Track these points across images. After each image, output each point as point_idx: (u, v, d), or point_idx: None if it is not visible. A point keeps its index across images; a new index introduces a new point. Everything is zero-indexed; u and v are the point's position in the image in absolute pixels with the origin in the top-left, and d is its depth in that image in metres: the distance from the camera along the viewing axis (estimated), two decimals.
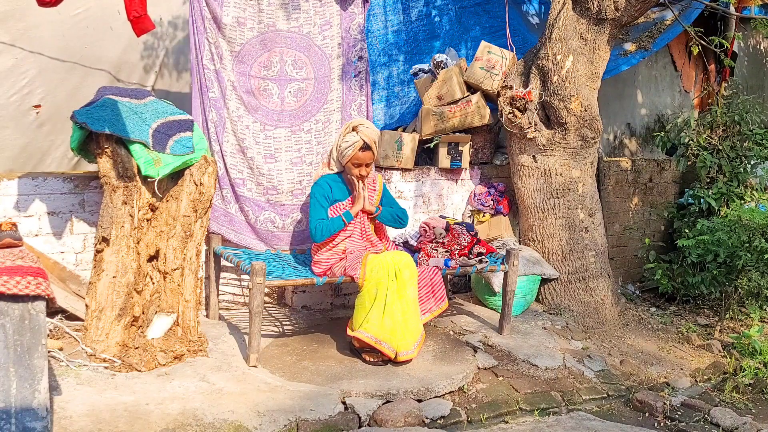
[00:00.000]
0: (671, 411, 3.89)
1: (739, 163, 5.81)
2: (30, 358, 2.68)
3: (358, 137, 4.12)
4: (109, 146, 3.67)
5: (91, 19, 4.90)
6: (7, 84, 4.63)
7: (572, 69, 4.91)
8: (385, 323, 3.83)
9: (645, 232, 6.20)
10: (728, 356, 4.68)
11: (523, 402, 3.82)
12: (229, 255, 4.26)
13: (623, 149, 6.84)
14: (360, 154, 4.13)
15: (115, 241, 3.68)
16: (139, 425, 3.03)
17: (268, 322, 4.54)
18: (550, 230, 5.15)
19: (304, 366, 3.87)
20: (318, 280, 4.00)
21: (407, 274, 3.91)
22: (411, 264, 3.97)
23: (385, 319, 3.83)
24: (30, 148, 4.80)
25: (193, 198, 3.89)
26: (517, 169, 5.22)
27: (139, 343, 3.72)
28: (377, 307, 3.85)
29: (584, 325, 4.96)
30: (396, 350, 3.84)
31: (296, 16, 4.67)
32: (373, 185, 4.35)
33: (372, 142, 4.14)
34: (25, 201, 3.93)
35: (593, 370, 4.27)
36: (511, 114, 5.00)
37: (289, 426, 3.24)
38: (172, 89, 5.33)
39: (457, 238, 4.63)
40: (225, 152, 4.54)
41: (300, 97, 4.74)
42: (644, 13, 5.25)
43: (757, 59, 7.71)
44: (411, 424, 3.38)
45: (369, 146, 4.13)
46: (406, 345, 3.88)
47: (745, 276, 5.35)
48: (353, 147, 4.12)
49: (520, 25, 5.93)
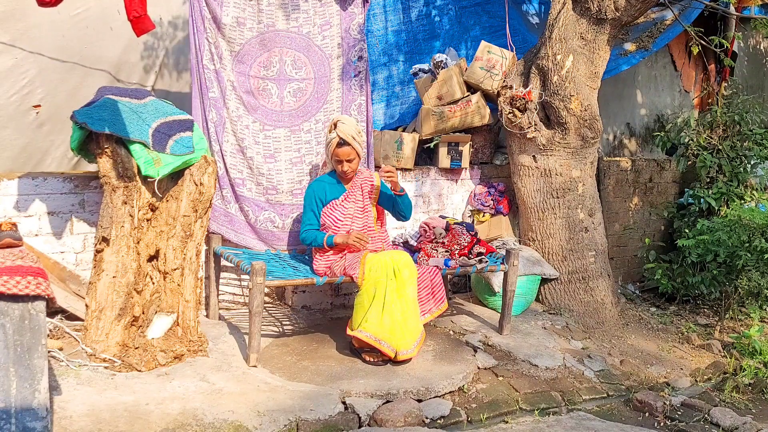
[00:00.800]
0: (671, 411, 3.89)
1: (739, 163, 5.81)
2: (30, 358, 2.68)
3: (334, 134, 4.14)
4: (109, 146, 3.67)
5: (91, 19, 4.90)
6: (7, 84, 4.63)
7: (572, 69, 4.91)
8: (384, 322, 3.83)
9: (645, 232, 6.20)
10: (728, 356, 4.68)
11: (523, 402, 3.82)
12: (229, 255, 4.26)
13: (623, 149, 6.84)
14: (338, 150, 4.15)
15: (115, 241, 3.68)
16: (139, 425, 3.03)
17: (268, 322, 4.54)
18: (550, 230, 5.15)
19: (304, 366, 3.87)
20: (318, 280, 4.00)
21: (406, 273, 3.91)
22: (410, 263, 3.97)
23: (385, 318, 3.83)
24: (30, 148, 4.80)
25: (193, 198, 3.89)
26: (517, 169, 5.22)
27: (139, 343, 3.72)
28: (376, 306, 3.84)
29: (584, 325, 4.96)
30: (396, 349, 3.83)
31: (296, 16, 4.68)
32: (370, 180, 4.32)
33: (348, 137, 4.12)
34: (25, 201, 3.93)
35: (593, 370, 4.27)
36: (511, 114, 5.00)
37: (289, 426, 3.24)
38: (172, 89, 5.33)
39: (457, 238, 4.63)
40: (225, 152, 4.54)
41: (299, 97, 4.74)
42: (644, 13, 5.25)
43: (757, 59, 7.71)
44: (411, 424, 3.38)
45: (345, 142, 4.12)
46: (406, 344, 3.88)
47: (745, 276, 5.36)
48: (330, 144, 4.17)
49: (520, 25, 5.94)
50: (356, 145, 4.18)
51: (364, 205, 4.30)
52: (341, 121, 4.20)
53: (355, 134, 4.18)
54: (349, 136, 4.13)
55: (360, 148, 4.23)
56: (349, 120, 4.26)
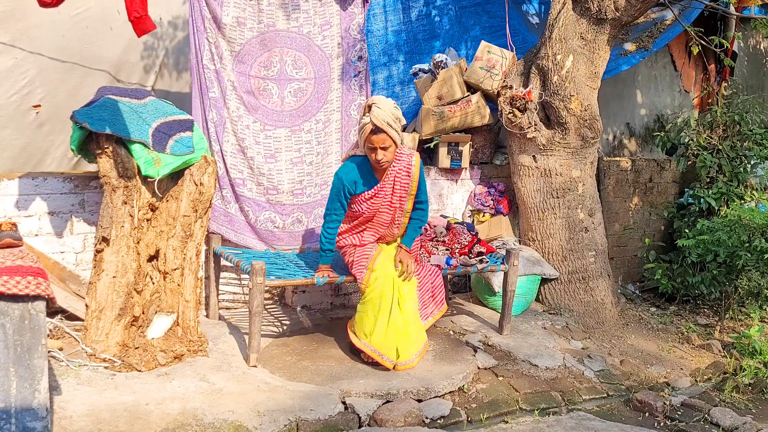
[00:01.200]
0: (671, 411, 3.89)
1: (739, 163, 5.81)
2: (30, 358, 2.68)
3: (368, 118, 3.72)
4: (109, 146, 3.67)
5: (91, 19, 4.90)
6: (7, 84, 4.63)
7: (572, 69, 4.91)
8: (388, 336, 3.85)
9: (645, 232, 6.20)
10: (728, 356, 4.68)
11: (523, 402, 3.82)
12: (229, 255, 4.26)
13: (623, 149, 6.84)
14: (372, 138, 3.72)
15: (115, 241, 3.68)
16: (139, 425, 3.03)
17: (268, 322, 4.54)
18: (550, 230, 5.15)
19: (304, 366, 3.87)
20: (318, 280, 3.99)
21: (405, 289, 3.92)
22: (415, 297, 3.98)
23: (389, 333, 3.85)
24: (30, 148, 4.80)
25: (193, 198, 3.89)
26: (517, 169, 5.22)
27: (139, 343, 3.72)
28: (382, 319, 3.85)
29: (584, 325, 4.96)
30: (395, 361, 3.86)
31: (296, 16, 4.67)
32: (408, 170, 3.91)
33: (383, 123, 3.67)
34: (25, 201, 3.93)
35: (593, 370, 4.26)
36: (511, 114, 5.00)
37: (289, 426, 3.24)
38: (172, 89, 5.33)
39: (457, 237, 4.63)
40: (225, 152, 4.54)
41: (300, 97, 4.74)
42: (644, 13, 5.25)
43: (757, 59, 7.71)
44: (411, 424, 3.38)
45: (380, 129, 3.70)
46: (407, 355, 3.89)
47: (745, 276, 5.36)
48: (364, 130, 3.75)
49: (520, 25, 5.94)
50: (392, 132, 3.71)
51: (394, 201, 3.93)
52: (376, 104, 3.74)
53: (391, 120, 3.71)
54: (384, 123, 3.69)
55: (396, 135, 3.75)
56: (386, 103, 3.78)
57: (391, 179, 3.90)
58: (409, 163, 3.91)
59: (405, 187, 3.91)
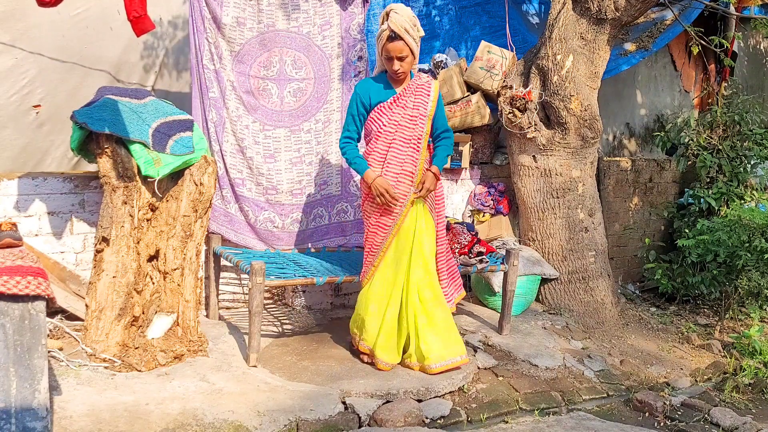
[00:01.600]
0: (671, 411, 3.89)
1: (739, 163, 5.81)
2: (30, 358, 2.68)
3: (386, 25, 3.59)
4: (109, 146, 3.68)
5: (91, 19, 4.90)
6: (7, 84, 4.63)
7: (572, 69, 4.91)
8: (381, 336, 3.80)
9: (645, 232, 6.20)
10: (728, 356, 4.68)
11: (523, 402, 3.82)
12: (229, 255, 4.26)
13: (623, 149, 6.84)
14: (389, 46, 3.61)
15: (115, 241, 3.68)
16: (139, 425, 3.03)
17: (268, 322, 4.54)
18: (550, 230, 5.15)
19: (304, 366, 3.87)
20: (318, 280, 3.99)
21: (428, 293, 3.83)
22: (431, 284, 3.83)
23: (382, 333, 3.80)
24: (30, 148, 4.80)
25: (193, 198, 3.89)
26: (517, 169, 5.22)
27: (139, 343, 3.72)
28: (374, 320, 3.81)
29: (584, 325, 4.96)
30: (392, 363, 3.84)
31: (296, 16, 4.67)
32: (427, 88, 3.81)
33: (401, 29, 3.56)
34: (25, 201, 3.93)
35: (593, 370, 4.27)
36: (511, 114, 5.00)
37: (289, 426, 3.24)
38: (172, 89, 5.33)
39: (457, 236, 4.63)
40: (225, 152, 4.54)
41: (299, 97, 4.74)
42: (644, 13, 5.25)
43: (757, 59, 7.71)
44: (411, 424, 3.38)
45: (398, 35, 3.57)
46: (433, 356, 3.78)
47: (745, 276, 5.36)
48: (381, 37, 3.64)
49: (520, 25, 5.94)
50: (410, 40, 3.62)
51: (415, 115, 3.77)
52: (394, 10, 3.62)
53: (409, 27, 3.60)
54: (402, 29, 3.57)
55: (414, 45, 3.66)
56: (404, 9, 3.66)
57: (410, 92, 3.80)
58: (428, 83, 3.84)
59: (424, 104, 3.78)
